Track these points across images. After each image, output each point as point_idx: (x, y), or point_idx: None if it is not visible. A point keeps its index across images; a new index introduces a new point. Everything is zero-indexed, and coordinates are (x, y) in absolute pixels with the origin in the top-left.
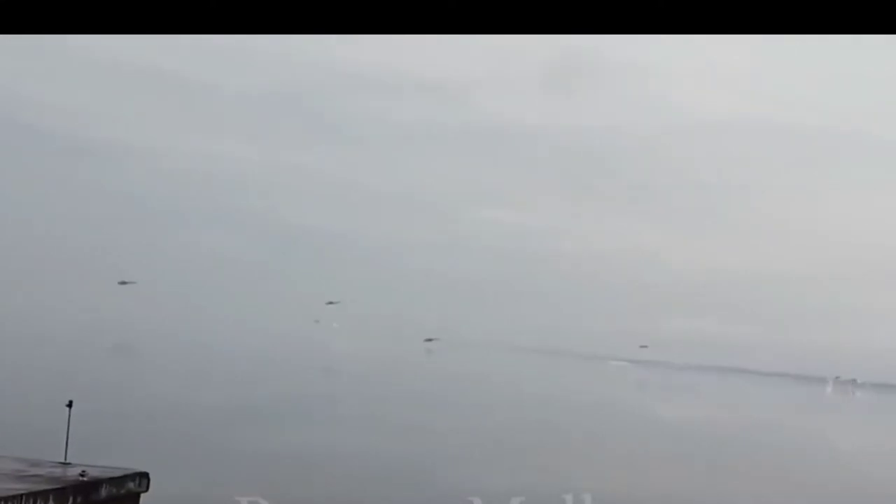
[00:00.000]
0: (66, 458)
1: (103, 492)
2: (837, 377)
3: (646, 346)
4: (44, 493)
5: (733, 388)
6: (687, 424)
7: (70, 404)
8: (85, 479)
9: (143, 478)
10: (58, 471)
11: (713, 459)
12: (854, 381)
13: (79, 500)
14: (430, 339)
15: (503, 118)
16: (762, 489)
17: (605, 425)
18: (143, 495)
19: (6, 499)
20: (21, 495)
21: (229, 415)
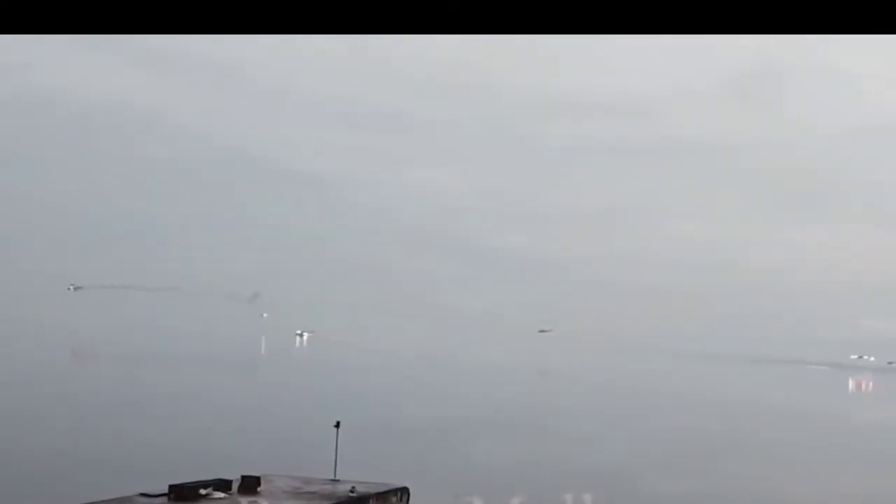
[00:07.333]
0: (335, 476)
1: None
2: None
3: (863, 357)
4: None
5: None
6: None
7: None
8: (354, 494)
9: (403, 492)
10: (328, 487)
11: None
12: None
13: None
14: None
15: (690, 132)
16: None
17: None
18: None
19: None
20: None
21: None
